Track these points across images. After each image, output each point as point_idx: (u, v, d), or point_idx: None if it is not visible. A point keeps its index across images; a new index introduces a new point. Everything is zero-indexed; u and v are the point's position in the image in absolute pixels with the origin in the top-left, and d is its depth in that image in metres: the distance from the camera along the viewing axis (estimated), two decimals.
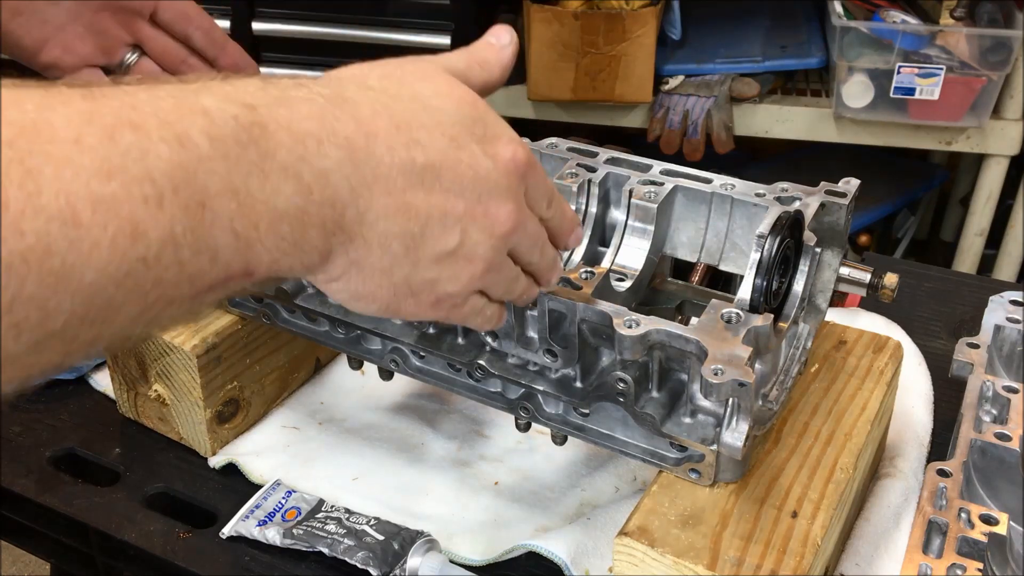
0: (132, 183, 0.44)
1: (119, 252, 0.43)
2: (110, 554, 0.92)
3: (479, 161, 0.59)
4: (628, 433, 0.78)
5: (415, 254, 0.58)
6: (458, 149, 0.58)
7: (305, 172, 0.51)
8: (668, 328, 0.69)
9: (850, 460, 0.77)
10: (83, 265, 0.42)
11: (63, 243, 0.41)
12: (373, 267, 0.57)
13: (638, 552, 0.70)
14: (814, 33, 2.36)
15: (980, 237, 2.30)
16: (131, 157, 0.44)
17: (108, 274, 0.43)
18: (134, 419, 1.00)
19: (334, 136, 0.53)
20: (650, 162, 0.85)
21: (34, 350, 0.43)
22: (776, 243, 0.71)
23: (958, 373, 0.95)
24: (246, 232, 0.49)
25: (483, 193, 0.59)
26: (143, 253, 0.44)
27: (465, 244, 0.59)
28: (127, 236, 0.44)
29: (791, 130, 2.24)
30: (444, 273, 0.60)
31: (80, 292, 0.43)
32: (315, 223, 0.52)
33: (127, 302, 0.45)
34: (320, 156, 0.52)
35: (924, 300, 1.21)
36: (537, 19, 2.12)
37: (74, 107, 0.44)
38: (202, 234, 0.47)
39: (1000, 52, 2.00)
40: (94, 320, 0.45)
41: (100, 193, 0.43)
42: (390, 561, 0.82)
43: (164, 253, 0.45)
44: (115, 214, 0.43)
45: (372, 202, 0.55)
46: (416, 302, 0.61)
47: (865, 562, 0.83)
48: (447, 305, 0.62)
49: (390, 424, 1.01)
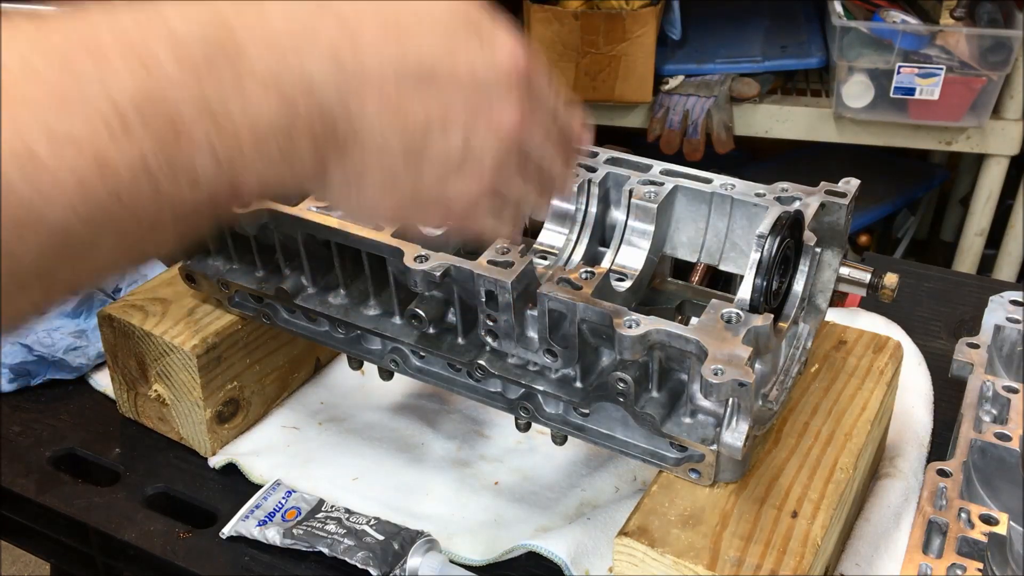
0: (93, 113, 0.40)
1: (87, 189, 0.40)
2: (110, 554, 0.92)
3: (477, 58, 0.53)
4: (628, 433, 0.78)
5: (419, 162, 0.53)
6: (453, 46, 0.53)
7: (286, 84, 0.47)
8: (668, 328, 0.69)
9: (850, 460, 0.77)
10: (48, 206, 0.39)
11: (25, 186, 0.39)
12: (374, 179, 0.53)
13: (638, 552, 0.70)
14: (814, 33, 2.36)
15: (980, 237, 2.30)
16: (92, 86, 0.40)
17: (77, 213, 0.40)
18: (134, 419, 1.00)
19: (315, 40, 0.48)
20: (650, 162, 0.85)
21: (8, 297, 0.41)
22: (776, 243, 0.71)
23: (958, 373, 0.95)
24: (228, 153, 0.45)
25: (484, 92, 0.53)
26: (114, 187, 0.41)
27: (471, 149, 0.54)
28: (93, 172, 0.40)
29: (791, 130, 2.24)
30: (452, 181, 0.55)
31: (48, 233, 0.40)
32: (304, 134, 0.48)
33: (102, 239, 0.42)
34: (301, 62, 0.47)
35: (924, 300, 1.21)
36: (537, 19, 2.12)
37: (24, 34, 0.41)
38: (179, 163, 0.43)
39: (1000, 52, 2.00)
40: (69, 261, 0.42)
41: (58, 129, 0.39)
42: (390, 561, 0.82)
43: (138, 185, 0.42)
44: (77, 148, 0.40)
45: (364, 108, 0.50)
46: (424, 216, 0.57)
47: (865, 562, 0.83)
48: (458, 215, 0.58)
49: (390, 424, 1.01)
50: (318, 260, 0.87)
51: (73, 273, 0.43)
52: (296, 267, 0.88)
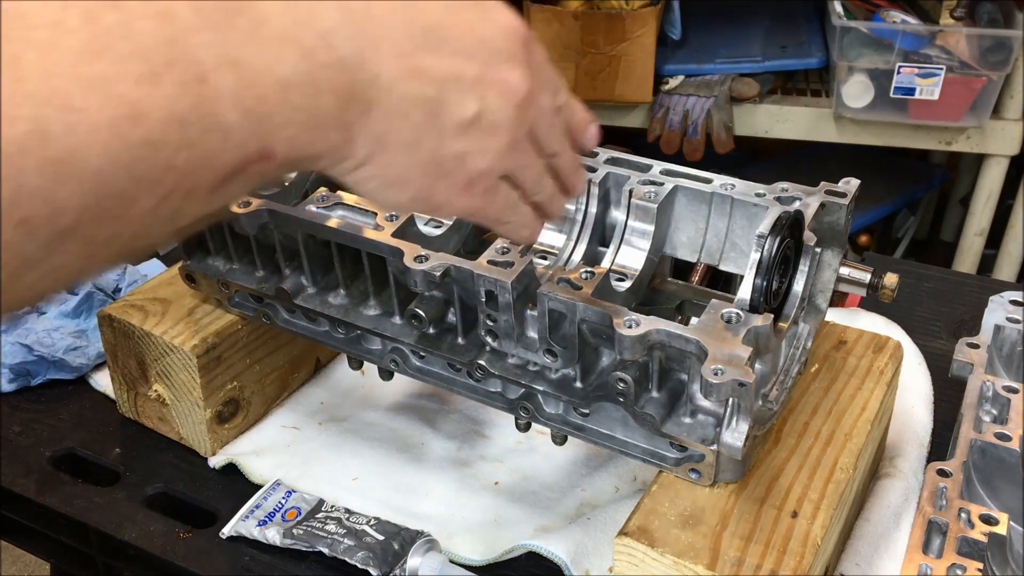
0: (121, 62, 0.42)
1: (121, 135, 0.41)
2: (110, 554, 0.92)
3: (481, 24, 0.56)
4: (628, 433, 0.78)
5: (438, 122, 0.55)
6: (457, 11, 0.55)
7: (304, 36, 0.48)
8: (668, 328, 0.69)
9: (850, 460, 0.77)
10: (85, 151, 0.40)
11: (59, 128, 0.40)
12: (399, 141, 0.54)
13: (638, 552, 0.70)
14: (814, 33, 2.36)
15: (980, 237, 2.30)
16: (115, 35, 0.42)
17: (114, 159, 0.41)
18: (134, 419, 1.00)
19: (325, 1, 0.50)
20: (650, 162, 0.85)
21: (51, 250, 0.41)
22: (776, 243, 0.71)
23: (958, 373, 0.95)
24: (255, 106, 0.46)
25: (491, 56, 0.56)
26: (146, 135, 0.42)
27: (485, 112, 0.56)
28: (126, 117, 0.41)
29: (791, 130, 2.25)
30: (471, 145, 0.56)
31: (87, 181, 0.41)
32: (327, 89, 0.50)
33: (141, 192, 0.43)
34: (316, 18, 0.49)
35: (924, 300, 1.21)
36: (537, 19, 2.12)
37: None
38: (207, 111, 0.45)
39: (1000, 52, 2.00)
40: (109, 214, 0.43)
41: (89, 74, 0.41)
42: (390, 561, 0.82)
43: (169, 133, 0.43)
44: (109, 94, 0.41)
45: (382, 65, 0.52)
46: (449, 185, 0.58)
47: (865, 562, 0.83)
48: (480, 189, 0.59)
49: (390, 424, 1.01)
50: (318, 260, 0.87)
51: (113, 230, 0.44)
52: (296, 267, 0.88)
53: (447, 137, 0.56)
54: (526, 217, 0.64)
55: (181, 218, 0.47)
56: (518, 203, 0.63)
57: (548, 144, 0.63)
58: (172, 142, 0.43)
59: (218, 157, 0.46)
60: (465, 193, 0.59)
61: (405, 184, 0.57)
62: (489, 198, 0.60)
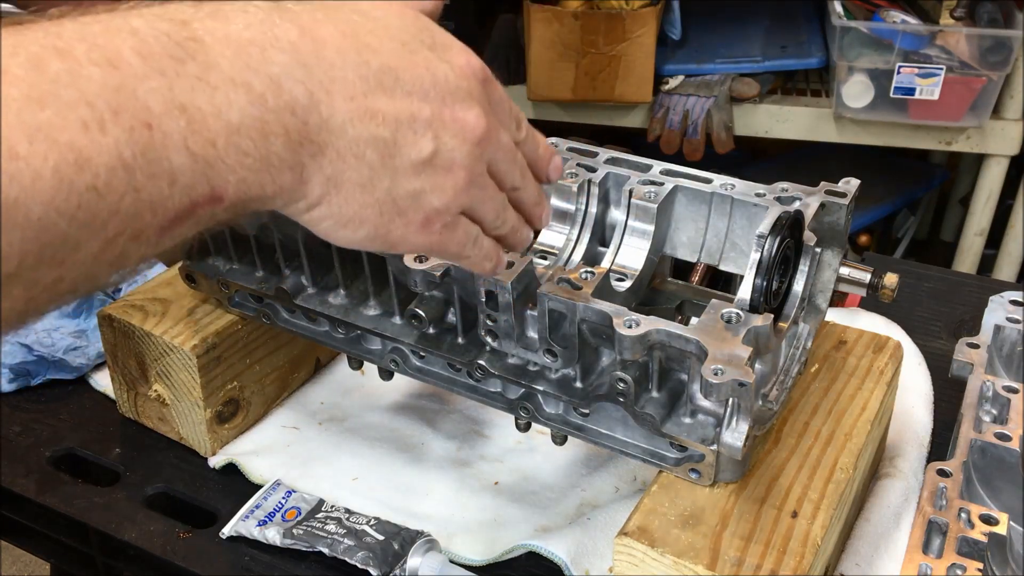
0: (67, 109, 0.42)
1: (65, 182, 0.41)
2: (110, 554, 0.92)
3: (435, 65, 0.56)
4: (628, 433, 0.78)
5: (392, 162, 0.55)
6: (411, 53, 0.56)
7: (254, 80, 0.49)
8: (668, 328, 0.69)
9: (850, 460, 0.77)
10: (28, 199, 0.40)
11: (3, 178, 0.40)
12: (352, 182, 0.54)
13: (638, 552, 0.70)
14: (814, 33, 2.36)
15: (980, 237, 2.30)
16: (61, 83, 0.42)
17: (57, 207, 0.41)
18: (134, 419, 1.00)
19: (277, 42, 0.50)
20: (650, 162, 0.85)
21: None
22: (776, 243, 0.71)
23: (958, 373, 0.95)
24: (203, 150, 0.46)
25: (447, 96, 0.56)
26: (91, 181, 0.42)
27: (440, 151, 0.56)
28: (70, 164, 0.41)
29: (791, 130, 2.24)
30: (426, 183, 0.57)
31: (30, 228, 0.41)
32: (277, 132, 0.50)
33: (85, 237, 0.43)
34: (266, 62, 0.49)
35: (924, 300, 1.21)
36: (537, 19, 2.12)
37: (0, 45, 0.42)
38: (154, 156, 0.44)
39: (1000, 52, 2.00)
40: (52, 259, 0.43)
41: (33, 122, 0.41)
42: (390, 561, 0.82)
43: (115, 179, 0.43)
44: (53, 142, 0.41)
45: (334, 107, 0.52)
46: (405, 223, 0.58)
47: (865, 562, 0.83)
48: (438, 225, 0.59)
49: (390, 424, 1.01)
50: (318, 260, 0.87)
51: (56, 275, 0.44)
52: (296, 267, 0.88)
53: (402, 176, 0.56)
54: (487, 250, 0.65)
55: (128, 260, 0.47)
56: (479, 237, 0.63)
57: (509, 178, 0.63)
58: (118, 188, 0.43)
59: (165, 201, 0.46)
60: (423, 230, 0.59)
61: (360, 223, 0.57)
62: (448, 234, 0.60)
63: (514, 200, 0.65)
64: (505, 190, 0.63)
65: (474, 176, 0.59)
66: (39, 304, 0.44)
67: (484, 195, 0.61)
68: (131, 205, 0.44)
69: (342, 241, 0.58)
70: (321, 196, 0.54)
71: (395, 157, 0.55)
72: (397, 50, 0.55)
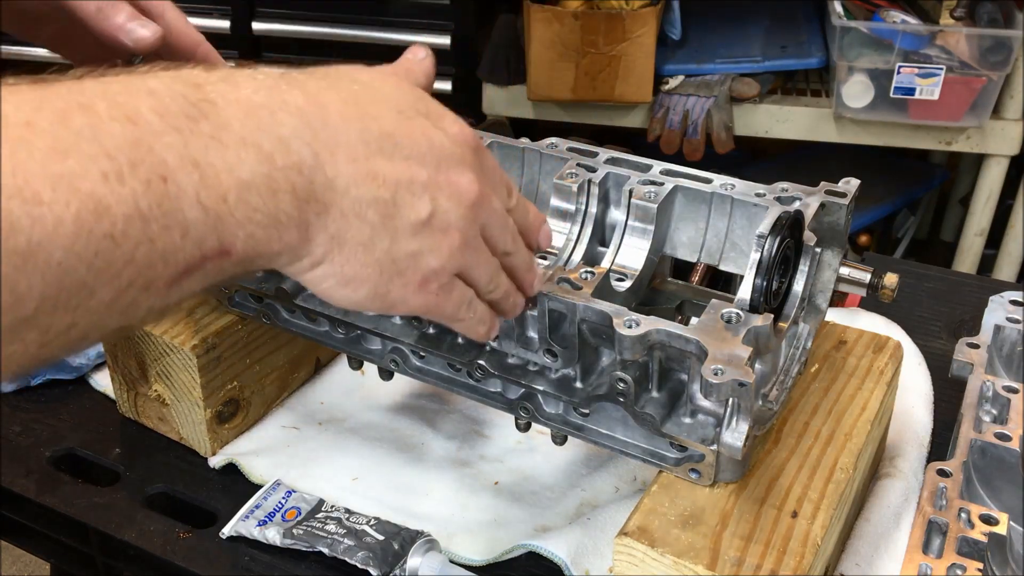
0: (88, 160, 0.44)
1: (85, 229, 0.43)
2: (110, 554, 0.92)
3: (431, 132, 0.60)
4: (628, 433, 0.78)
5: (392, 223, 0.58)
6: (408, 120, 0.59)
7: (264, 141, 0.51)
8: (668, 328, 0.69)
9: (850, 460, 0.77)
10: (49, 243, 0.42)
11: (26, 221, 0.41)
12: (354, 241, 0.57)
13: (638, 552, 0.70)
14: (814, 33, 2.36)
15: (980, 237, 2.30)
16: (84, 136, 0.44)
17: (76, 252, 0.43)
18: (134, 419, 1.00)
19: (285, 106, 0.54)
20: (650, 162, 0.85)
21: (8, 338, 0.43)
22: (776, 243, 0.71)
23: (958, 373, 0.95)
24: (215, 205, 0.49)
25: (442, 161, 0.60)
26: (109, 229, 0.44)
27: (437, 213, 0.59)
28: (90, 212, 0.44)
29: (791, 130, 2.25)
30: (424, 244, 0.60)
31: (50, 272, 0.43)
32: (285, 190, 0.52)
33: (99, 284, 0.45)
34: (275, 124, 0.52)
35: (924, 300, 1.21)
36: (537, 19, 2.12)
37: (23, 95, 0.44)
38: (169, 208, 0.47)
39: (1000, 52, 2.00)
40: (67, 304, 0.44)
41: (57, 171, 0.43)
42: (390, 561, 0.82)
43: (131, 228, 0.45)
44: (75, 190, 0.43)
45: (338, 168, 0.55)
46: (404, 283, 0.60)
47: (865, 562, 0.83)
48: (435, 286, 0.62)
49: (390, 424, 1.01)
50: None
51: (70, 320, 0.45)
52: None
53: (401, 237, 0.59)
54: (482, 314, 0.68)
55: (136, 311, 0.49)
56: (474, 300, 0.66)
57: (501, 243, 0.66)
58: (133, 236, 0.46)
59: (177, 252, 0.48)
60: (420, 290, 0.61)
61: (361, 283, 0.59)
62: (444, 296, 0.63)
63: (506, 266, 0.68)
64: (497, 255, 0.66)
65: (468, 238, 0.62)
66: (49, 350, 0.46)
67: (478, 258, 0.64)
68: (145, 255, 0.46)
69: (343, 301, 0.61)
70: (324, 254, 0.57)
71: (395, 218, 0.58)
72: (395, 117, 0.59)
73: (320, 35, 2.35)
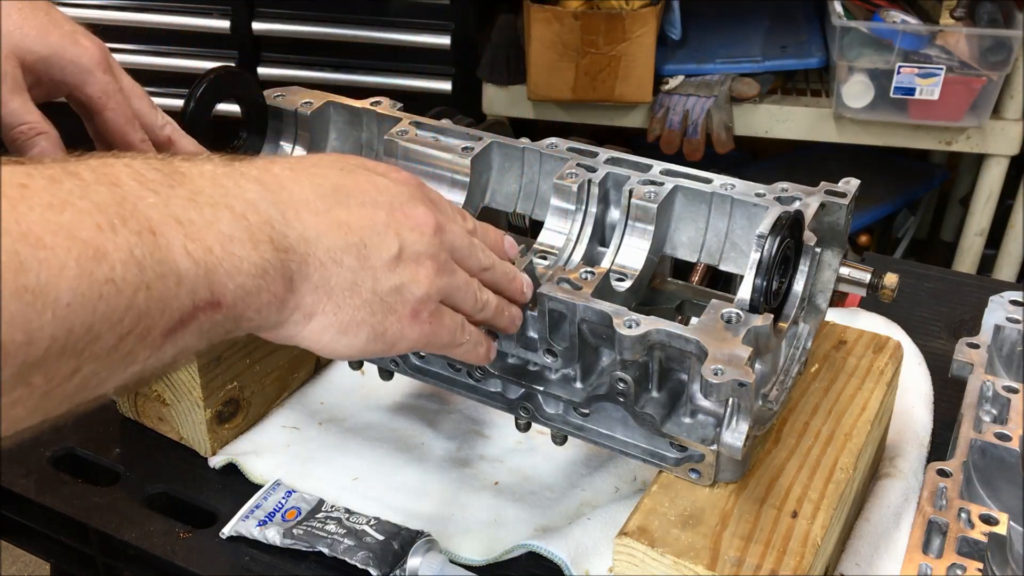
0: (82, 214, 0.48)
1: (87, 271, 0.46)
2: (110, 554, 0.92)
3: (374, 180, 0.66)
4: (628, 433, 0.78)
5: (369, 263, 0.62)
6: (352, 174, 0.66)
7: (234, 204, 0.56)
8: (668, 328, 0.69)
9: (850, 460, 0.77)
10: (56, 284, 0.45)
11: (33, 262, 0.44)
12: (339, 287, 0.61)
13: (638, 552, 0.70)
14: (814, 33, 2.36)
15: (980, 237, 2.30)
16: (75, 195, 0.48)
17: (82, 293, 0.46)
18: (134, 419, 1.00)
19: (244, 177, 0.59)
20: (650, 162, 0.85)
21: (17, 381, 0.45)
22: (776, 243, 0.71)
23: (958, 373, 0.95)
24: (203, 256, 0.53)
25: (394, 200, 0.65)
26: (109, 273, 0.47)
27: (405, 246, 0.64)
28: (90, 258, 0.47)
29: (791, 130, 2.24)
30: (403, 277, 0.64)
31: (59, 311, 0.45)
32: (264, 241, 0.57)
33: (103, 329, 0.48)
34: (240, 189, 0.57)
35: (924, 300, 1.21)
36: (537, 19, 2.12)
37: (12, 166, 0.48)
38: (161, 257, 0.50)
39: (1000, 52, 2.00)
40: (74, 348, 0.47)
41: (56, 221, 0.46)
42: (390, 561, 0.82)
43: (129, 274, 0.48)
44: (74, 237, 0.47)
45: (305, 222, 0.60)
46: (397, 318, 0.64)
47: (865, 562, 0.83)
48: (426, 315, 0.66)
49: (390, 424, 1.01)
50: None
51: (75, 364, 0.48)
52: None
53: (381, 275, 0.63)
54: (477, 336, 0.72)
55: (133, 362, 0.51)
56: (465, 324, 0.70)
57: (474, 261, 0.70)
58: (132, 282, 0.49)
59: (173, 300, 0.51)
60: (413, 322, 0.66)
61: (359, 326, 0.63)
62: (437, 323, 0.67)
63: (488, 282, 0.71)
64: (475, 274, 0.70)
65: (441, 263, 0.66)
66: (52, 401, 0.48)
67: (455, 280, 0.68)
68: (143, 302, 0.49)
69: (348, 351, 0.64)
70: (314, 304, 0.61)
71: (370, 259, 0.63)
72: (338, 174, 0.65)
73: (320, 35, 2.35)
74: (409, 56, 2.32)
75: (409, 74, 2.32)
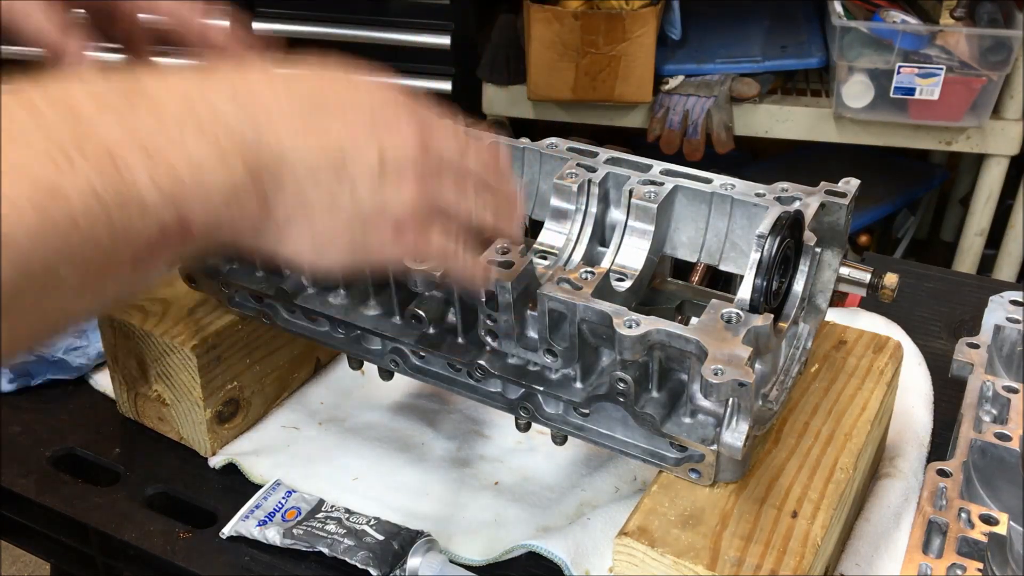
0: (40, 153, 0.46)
1: (45, 213, 0.45)
2: (110, 554, 0.92)
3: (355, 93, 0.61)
4: (628, 433, 0.78)
5: (348, 179, 0.58)
6: (332, 82, 0.61)
7: (203, 121, 0.52)
8: (668, 328, 0.69)
9: (850, 460, 0.77)
10: (13, 228, 0.43)
11: None
12: (317, 204, 0.58)
13: (638, 552, 0.70)
14: (814, 33, 2.36)
15: (980, 237, 2.30)
16: (27, 127, 0.46)
17: (40, 236, 0.44)
18: (134, 419, 1.00)
19: (213, 91, 0.54)
20: (650, 162, 0.85)
21: None
22: (776, 243, 0.71)
23: (958, 373, 0.95)
24: (169, 184, 0.50)
25: (376, 110, 0.60)
26: (69, 212, 0.45)
27: (387, 157, 0.59)
28: (47, 199, 0.45)
29: (791, 130, 2.24)
30: (385, 191, 0.60)
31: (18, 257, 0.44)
32: (236, 161, 0.53)
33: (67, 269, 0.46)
34: (207, 105, 0.53)
35: (924, 300, 1.21)
36: (537, 19, 2.12)
37: None
38: (123, 187, 0.48)
39: (1000, 52, 2.00)
40: (35, 291, 0.45)
41: (8, 162, 0.44)
42: (390, 561, 0.82)
43: (90, 209, 0.46)
44: (30, 181, 0.45)
45: (281, 137, 0.56)
46: (379, 235, 0.60)
47: (865, 562, 0.83)
48: (410, 230, 0.61)
49: (390, 424, 1.01)
50: None
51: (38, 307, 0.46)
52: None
53: (360, 190, 0.59)
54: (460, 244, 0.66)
55: (103, 294, 0.50)
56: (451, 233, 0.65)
57: (466, 162, 0.65)
58: (93, 217, 0.47)
59: (138, 231, 0.49)
60: (397, 238, 0.61)
61: (336, 239, 0.60)
62: (423, 238, 0.63)
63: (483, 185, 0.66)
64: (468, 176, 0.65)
65: (427, 172, 0.61)
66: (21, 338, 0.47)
67: (446, 184, 0.63)
68: (106, 235, 0.47)
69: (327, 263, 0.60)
70: (290, 221, 0.57)
71: (349, 173, 0.58)
72: (314, 86, 0.60)
73: (320, 35, 2.35)
74: (409, 56, 2.32)
75: (409, 74, 2.32)
